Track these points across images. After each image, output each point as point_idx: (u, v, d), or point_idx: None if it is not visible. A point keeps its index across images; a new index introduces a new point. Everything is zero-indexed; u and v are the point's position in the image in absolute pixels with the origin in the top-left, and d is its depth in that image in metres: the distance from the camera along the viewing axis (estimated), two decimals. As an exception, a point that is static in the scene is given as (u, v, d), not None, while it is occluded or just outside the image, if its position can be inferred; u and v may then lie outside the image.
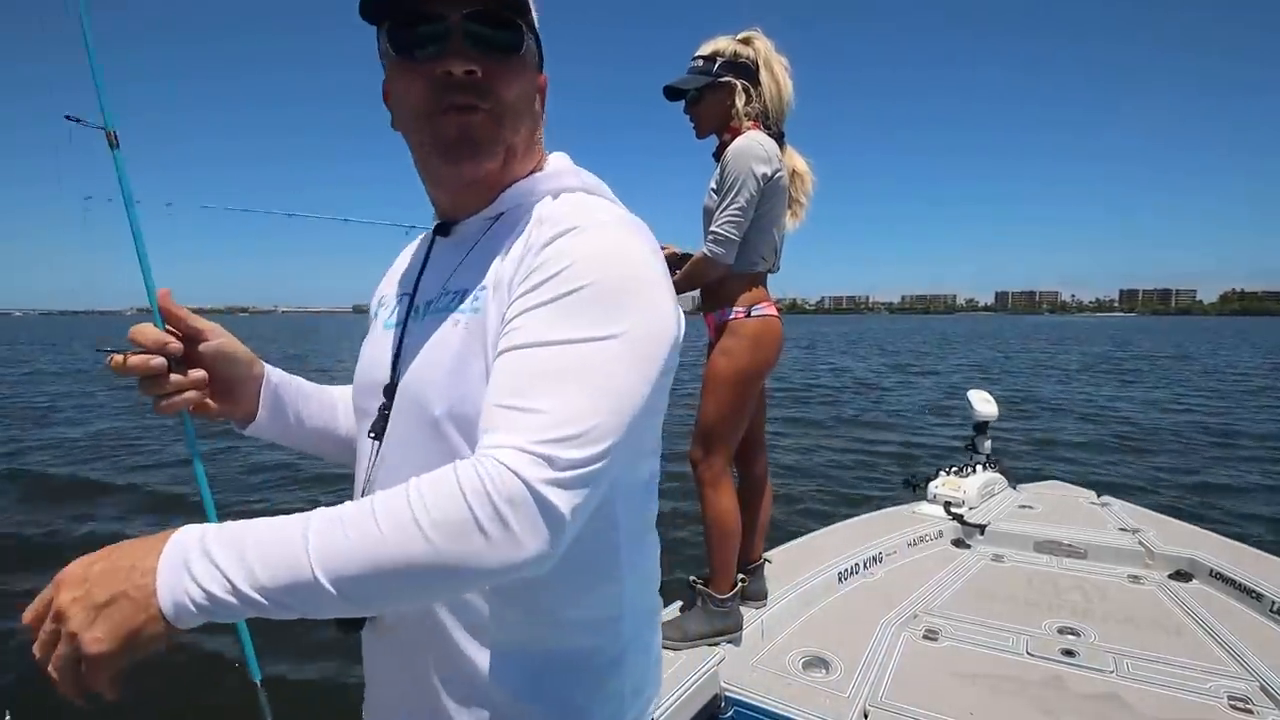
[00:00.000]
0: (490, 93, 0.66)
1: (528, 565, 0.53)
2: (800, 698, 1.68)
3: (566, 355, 0.58)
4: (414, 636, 0.71)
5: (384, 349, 0.76)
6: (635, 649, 0.75)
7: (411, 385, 0.70)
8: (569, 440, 0.54)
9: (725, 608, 1.92)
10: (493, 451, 0.54)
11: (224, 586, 0.50)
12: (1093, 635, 2.01)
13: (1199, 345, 34.02)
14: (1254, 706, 1.63)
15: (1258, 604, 2.14)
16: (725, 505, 1.93)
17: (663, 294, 0.65)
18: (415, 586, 0.52)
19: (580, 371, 0.58)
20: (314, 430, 0.90)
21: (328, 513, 0.53)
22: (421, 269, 0.79)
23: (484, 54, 0.65)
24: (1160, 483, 6.43)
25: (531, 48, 0.71)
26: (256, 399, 0.83)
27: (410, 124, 0.69)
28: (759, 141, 1.84)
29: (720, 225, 1.85)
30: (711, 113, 1.95)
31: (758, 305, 1.92)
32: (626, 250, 0.65)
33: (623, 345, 0.59)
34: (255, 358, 0.83)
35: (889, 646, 1.94)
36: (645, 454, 0.74)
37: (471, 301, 0.68)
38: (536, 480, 0.52)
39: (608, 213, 0.68)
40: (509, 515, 0.52)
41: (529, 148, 0.74)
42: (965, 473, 3.27)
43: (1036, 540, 2.72)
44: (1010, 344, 35.33)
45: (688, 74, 1.95)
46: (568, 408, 0.56)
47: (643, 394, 0.60)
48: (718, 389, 1.90)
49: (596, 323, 0.59)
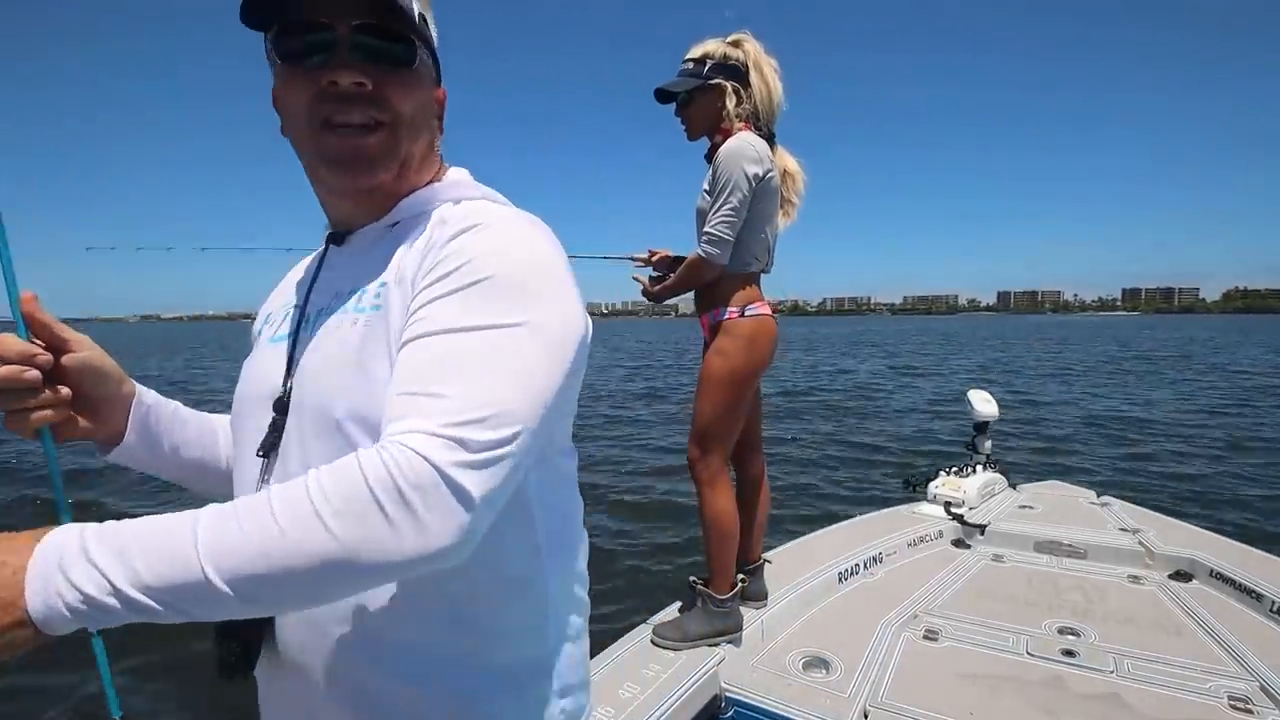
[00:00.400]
0: (384, 104, 0.66)
1: (441, 555, 0.50)
2: (800, 698, 1.68)
3: (473, 341, 0.56)
4: (320, 669, 0.65)
5: (273, 362, 0.71)
6: (563, 652, 0.73)
7: (308, 391, 0.66)
8: (480, 422, 0.52)
9: (725, 608, 1.92)
10: (398, 437, 0.51)
11: (103, 587, 0.46)
12: (1093, 635, 2.01)
13: (1201, 344, 33.99)
14: (1254, 707, 1.63)
15: (1258, 604, 2.14)
16: (723, 505, 1.93)
17: (569, 291, 0.64)
18: (318, 582, 0.48)
19: (488, 356, 0.56)
20: (191, 461, 0.83)
21: (220, 507, 0.50)
22: (313, 281, 0.76)
23: (374, 65, 0.65)
24: (1160, 483, 6.42)
25: (426, 62, 0.71)
26: (125, 420, 0.75)
27: (299, 134, 0.68)
28: (750, 142, 1.85)
29: (714, 226, 1.86)
30: (702, 115, 1.95)
31: (751, 305, 1.93)
32: (532, 245, 0.64)
33: (531, 332, 0.58)
34: (125, 375, 0.76)
35: (889, 647, 1.94)
36: (560, 453, 0.72)
37: (372, 299, 0.66)
38: (447, 464, 0.50)
39: (510, 212, 0.68)
40: (417, 501, 0.49)
41: (426, 159, 0.73)
42: (965, 473, 3.27)
43: (1037, 540, 2.72)
44: (1012, 345, 35.30)
45: (678, 77, 1.95)
46: (477, 391, 0.54)
47: (554, 381, 0.59)
48: (713, 389, 1.91)
49: (503, 311, 0.58)
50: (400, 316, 0.62)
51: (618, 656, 1.80)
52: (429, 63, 0.71)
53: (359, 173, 0.66)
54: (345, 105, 0.64)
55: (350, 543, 0.48)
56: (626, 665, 1.77)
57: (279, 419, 0.68)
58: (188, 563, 0.47)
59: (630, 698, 1.62)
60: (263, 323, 0.81)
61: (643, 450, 7.35)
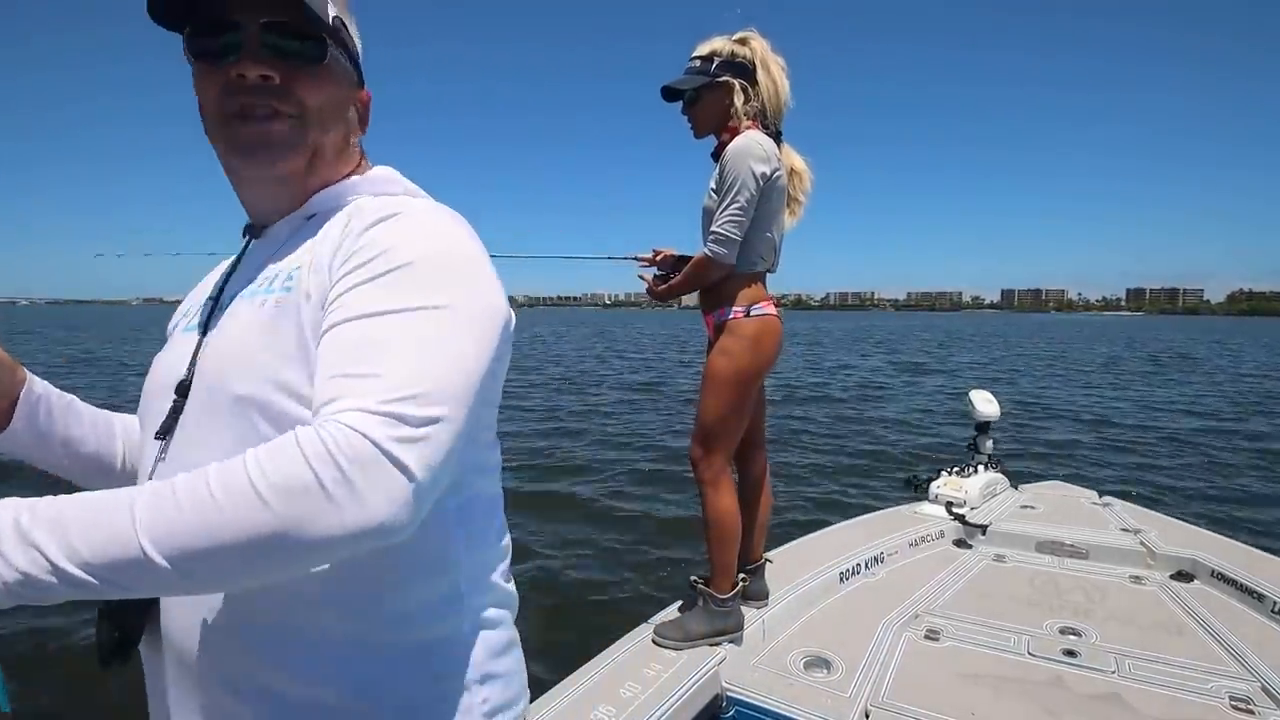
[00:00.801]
0: (290, 96, 0.67)
1: (384, 530, 0.50)
2: (801, 698, 1.68)
3: (401, 322, 0.57)
4: (203, 656, 0.63)
5: (182, 351, 0.71)
6: (481, 639, 0.71)
7: (209, 370, 0.66)
8: (415, 399, 0.53)
9: (726, 607, 1.93)
10: (335, 416, 0.51)
11: (40, 565, 0.46)
12: (1094, 635, 2.01)
13: (1206, 346, 33.90)
14: (1255, 707, 1.63)
15: (1259, 604, 2.14)
16: (725, 505, 1.93)
17: (491, 281, 0.65)
18: (256, 558, 0.48)
19: (418, 336, 0.57)
20: (85, 457, 0.81)
21: (158, 483, 0.50)
22: (229, 274, 0.77)
23: (283, 61, 0.67)
24: (1161, 483, 6.41)
25: (342, 61, 0.72)
26: (11, 409, 0.74)
27: (211, 127, 0.69)
28: (758, 141, 1.85)
29: (721, 225, 1.85)
30: (710, 113, 1.95)
31: (757, 305, 1.93)
32: (451, 235, 0.66)
33: (455, 314, 0.59)
34: (17, 363, 0.75)
35: (890, 646, 1.95)
36: (481, 443, 0.72)
37: (284, 281, 0.66)
38: (386, 439, 0.50)
39: (429, 205, 0.69)
40: (357, 476, 0.49)
41: (342, 153, 0.75)
42: (967, 473, 3.27)
43: (1038, 540, 2.72)
44: (1016, 344, 35.22)
45: (685, 74, 1.95)
46: (410, 369, 0.54)
47: (481, 361, 0.60)
48: (717, 388, 1.91)
49: (427, 295, 0.59)
50: (313, 300, 0.63)
51: (618, 656, 1.81)
52: (344, 63, 0.73)
53: (265, 158, 0.68)
54: (252, 97, 0.66)
55: (288, 518, 0.47)
56: (627, 665, 1.77)
57: (179, 401, 0.67)
58: (126, 539, 0.47)
59: (631, 697, 1.62)
60: (180, 317, 0.82)
61: (643, 448, 7.36)
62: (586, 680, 1.68)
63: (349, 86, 0.75)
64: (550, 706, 1.57)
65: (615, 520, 4.93)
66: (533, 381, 13.62)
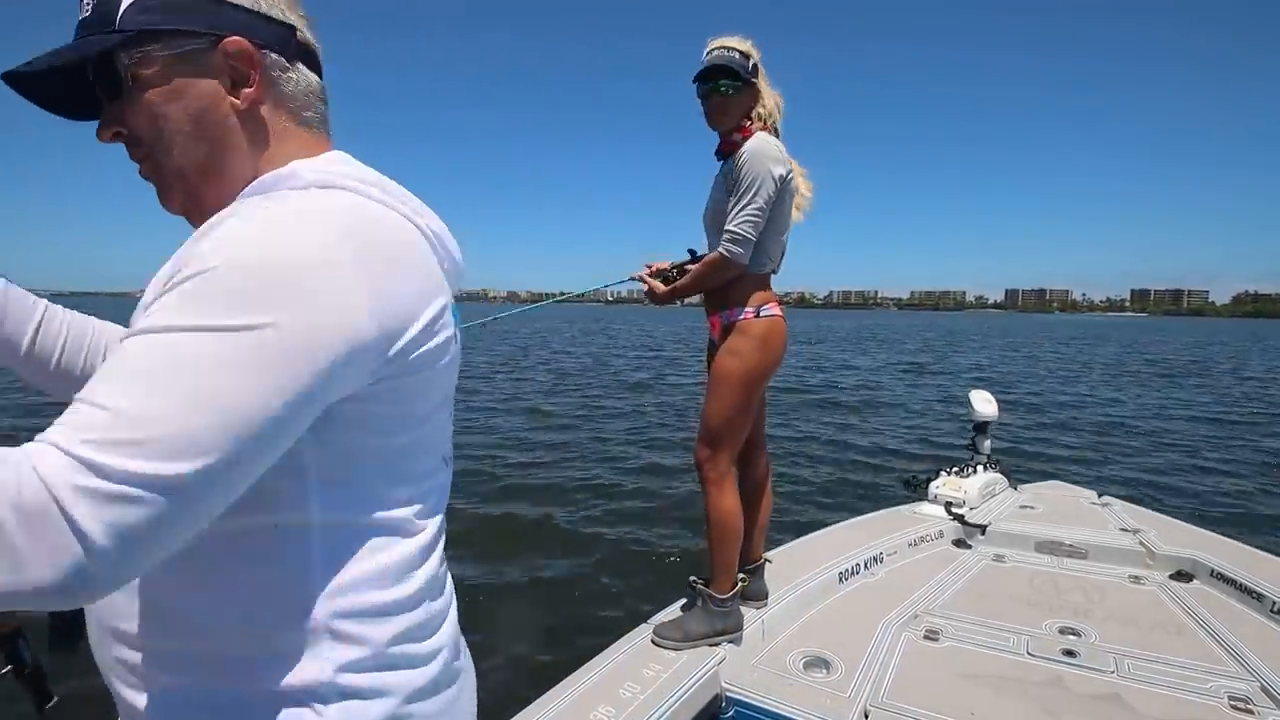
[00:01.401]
0: (132, 136, 0.63)
1: (45, 598, 0.42)
2: (801, 698, 1.69)
3: (161, 344, 0.47)
4: (109, 674, 0.61)
5: None
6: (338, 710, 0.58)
7: None
8: (126, 446, 0.43)
9: (726, 608, 1.93)
10: (31, 447, 0.43)
11: None
12: (1093, 635, 2.02)
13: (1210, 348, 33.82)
14: (1254, 707, 1.63)
15: (1259, 604, 2.14)
16: (729, 505, 1.94)
17: (334, 293, 0.51)
18: None
19: (170, 367, 0.46)
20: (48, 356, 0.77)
21: None
22: None
23: (110, 107, 0.62)
24: (1161, 483, 6.40)
25: (160, 55, 0.59)
26: None
27: None
28: (774, 144, 1.86)
29: (738, 225, 1.84)
30: (739, 109, 1.92)
31: (765, 306, 1.93)
32: (291, 233, 0.52)
33: (253, 338, 0.47)
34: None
35: (890, 646, 1.95)
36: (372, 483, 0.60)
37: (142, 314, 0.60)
38: (68, 491, 0.41)
39: (298, 203, 0.55)
40: (19, 529, 0.41)
41: (229, 162, 0.63)
42: (966, 473, 3.27)
43: (1037, 540, 2.72)
44: (1022, 345, 35.18)
45: (731, 63, 1.88)
46: (138, 406, 0.44)
47: (271, 402, 0.48)
48: (725, 389, 1.91)
49: (221, 311, 0.47)
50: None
51: (618, 656, 1.81)
52: (173, 49, 0.60)
53: (162, 204, 0.65)
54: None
55: None
56: (627, 665, 1.78)
57: None
58: None
59: (630, 697, 1.63)
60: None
61: (643, 447, 7.36)
62: (586, 680, 1.69)
63: (196, 74, 0.61)
64: (550, 706, 1.58)
65: (615, 519, 4.93)
66: (531, 379, 13.64)
